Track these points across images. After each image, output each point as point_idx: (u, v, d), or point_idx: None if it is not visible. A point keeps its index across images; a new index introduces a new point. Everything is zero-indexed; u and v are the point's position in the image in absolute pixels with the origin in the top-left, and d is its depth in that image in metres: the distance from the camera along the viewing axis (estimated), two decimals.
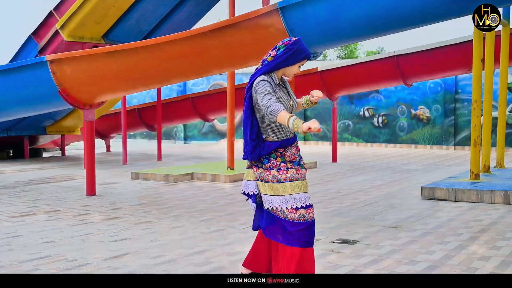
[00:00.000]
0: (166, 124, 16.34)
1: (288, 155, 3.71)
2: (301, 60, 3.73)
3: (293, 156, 3.72)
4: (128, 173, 10.65)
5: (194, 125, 21.62)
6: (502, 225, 5.89)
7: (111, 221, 6.29)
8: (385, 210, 6.82)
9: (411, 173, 10.74)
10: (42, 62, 7.79)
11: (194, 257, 4.70)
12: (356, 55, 33.18)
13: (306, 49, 3.74)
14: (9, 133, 13.69)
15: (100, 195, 8.13)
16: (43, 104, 8.45)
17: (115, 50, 7.60)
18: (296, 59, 3.71)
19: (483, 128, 8.95)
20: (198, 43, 7.04)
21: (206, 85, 21.10)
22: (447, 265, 4.41)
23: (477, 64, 7.96)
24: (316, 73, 12.77)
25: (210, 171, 9.89)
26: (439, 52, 11.56)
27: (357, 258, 4.62)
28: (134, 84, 7.90)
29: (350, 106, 18.51)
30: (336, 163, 12.71)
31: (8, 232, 5.73)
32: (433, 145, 17.18)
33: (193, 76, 8.41)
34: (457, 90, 16.96)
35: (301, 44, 3.73)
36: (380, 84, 13.26)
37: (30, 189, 8.88)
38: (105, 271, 4.33)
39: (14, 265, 4.51)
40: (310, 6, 6.33)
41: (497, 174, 8.92)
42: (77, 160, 13.78)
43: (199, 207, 7.16)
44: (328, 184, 9.24)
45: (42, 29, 12.36)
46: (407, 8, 6.04)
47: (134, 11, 11.18)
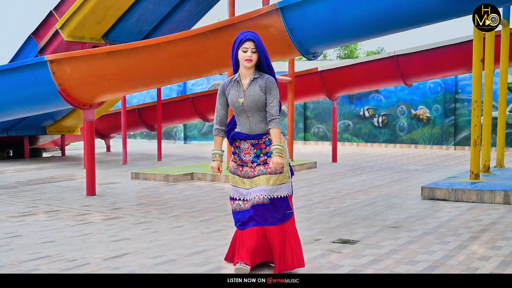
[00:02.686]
0: (166, 124, 16.34)
1: (242, 148, 4.10)
2: (239, 44, 3.98)
3: (246, 151, 4.07)
4: (128, 173, 10.65)
5: (194, 125, 21.63)
6: (502, 225, 5.89)
7: (111, 221, 6.29)
8: (385, 210, 6.82)
9: (411, 173, 10.74)
10: (42, 62, 7.79)
11: (194, 257, 4.70)
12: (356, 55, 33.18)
13: (240, 34, 4.02)
14: (9, 133, 13.69)
15: (100, 195, 8.13)
16: (43, 104, 8.45)
17: (115, 50, 7.60)
18: (235, 47, 4.00)
19: (483, 128, 8.95)
20: (198, 43, 7.04)
21: (206, 85, 21.11)
22: (447, 265, 4.41)
23: (477, 64, 7.96)
24: (316, 73, 12.77)
25: (210, 171, 9.88)
26: (439, 52, 11.56)
27: (357, 258, 4.62)
28: (134, 84, 7.90)
29: (350, 106, 18.51)
30: (336, 163, 12.71)
31: (8, 232, 5.73)
32: (433, 145, 17.18)
33: (193, 76, 8.40)
34: (457, 90, 16.96)
35: (239, 34, 4.03)
36: (380, 84, 13.26)
37: (30, 189, 8.88)
38: (105, 271, 4.32)
39: (14, 265, 4.51)
40: (310, 6, 6.33)
41: (497, 174, 8.92)
42: (77, 160, 13.78)
43: (199, 207, 7.16)
44: (328, 184, 9.24)
45: (42, 29, 12.36)
46: (407, 8, 6.04)
47: (134, 11, 11.17)
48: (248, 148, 4.06)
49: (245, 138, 4.06)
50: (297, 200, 7.54)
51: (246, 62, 3.97)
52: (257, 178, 4.03)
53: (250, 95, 3.98)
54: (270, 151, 4.03)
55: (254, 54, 3.97)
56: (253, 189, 4.03)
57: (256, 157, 4.05)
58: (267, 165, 4.02)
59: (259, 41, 4.00)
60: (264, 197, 3.96)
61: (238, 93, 4.03)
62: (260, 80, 4.02)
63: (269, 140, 4.04)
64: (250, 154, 4.05)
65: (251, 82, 4.03)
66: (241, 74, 4.06)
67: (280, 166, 3.92)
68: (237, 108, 4.07)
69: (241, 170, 4.09)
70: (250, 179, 4.07)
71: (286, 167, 4.07)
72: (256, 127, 4.05)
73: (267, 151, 4.04)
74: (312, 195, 8.02)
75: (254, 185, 4.04)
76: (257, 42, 3.98)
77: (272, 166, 3.91)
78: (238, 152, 4.11)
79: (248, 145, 4.06)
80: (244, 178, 4.09)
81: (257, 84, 4.02)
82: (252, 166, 4.05)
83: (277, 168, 3.94)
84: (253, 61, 3.98)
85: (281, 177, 4.02)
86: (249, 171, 4.07)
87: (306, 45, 6.59)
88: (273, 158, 3.93)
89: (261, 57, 4.00)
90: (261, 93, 3.99)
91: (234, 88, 4.04)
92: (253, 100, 3.98)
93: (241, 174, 4.09)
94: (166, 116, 15.11)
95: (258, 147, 4.05)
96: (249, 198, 4.04)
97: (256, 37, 4.00)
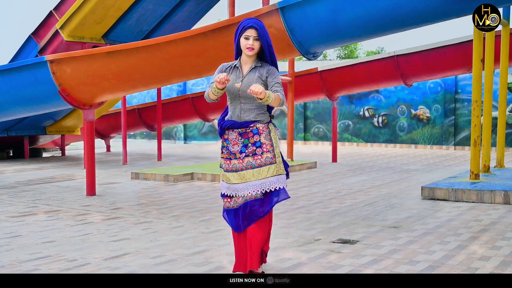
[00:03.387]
0: (166, 124, 16.34)
1: (230, 139, 3.97)
2: (241, 31, 3.90)
3: (234, 141, 3.95)
4: (128, 173, 10.65)
5: (194, 125, 21.63)
6: (502, 225, 5.89)
7: (111, 221, 6.29)
8: (385, 210, 6.82)
9: (411, 173, 10.74)
10: (42, 62, 7.79)
11: (194, 257, 4.70)
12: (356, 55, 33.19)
13: (243, 21, 3.93)
14: (9, 133, 13.68)
15: (100, 195, 8.14)
16: (43, 104, 8.45)
17: (115, 50, 7.60)
18: (237, 34, 3.92)
19: (483, 128, 8.95)
20: (198, 43, 7.04)
21: (206, 85, 21.11)
22: (447, 265, 4.41)
23: (477, 64, 7.96)
24: (316, 73, 12.77)
25: (210, 171, 9.89)
26: (439, 52, 11.56)
27: (357, 258, 4.62)
28: (134, 84, 7.90)
29: (350, 106, 18.51)
30: (336, 163, 12.71)
31: (8, 232, 5.73)
32: (433, 145, 17.18)
33: (193, 76, 8.40)
34: (457, 90, 16.97)
35: (242, 21, 3.94)
36: (380, 84, 13.26)
37: (30, 189, 8.88)
38: (105, 271, 4.33)
39: (14, 265, 4.51)
40: (310, 6, 6.33)
41: (497, 174, 8.92)
42: (77, 160, 13.78)
43: (199, 207, 7.16)
44: (328, 184, 9.24)
45: (42, 29, 12.36)
46: (407, 8, 6.04)
47: (134, 11, 11.18)
48: (235, 138, 3.93)
49: (231, 125, 3.93)
50: (297, 200, 7.54)
51: (247, 50, 3.87)
52: (246, 172, 3.91)
53: (247, 82, 3.89)
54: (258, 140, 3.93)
55: (256, 42, 3.86)
56: (244, 184, 3.91)
57: (244, 146, 3.92)
58: (256, 156, 3.90)
59: (262, 28, 3.88)
60: (257, 193, 3.89)
61: (236, 77, 3.93)
62: (262, 69, 3.93)
63: (257, 129, 3.91)
64: (238, 145, 3.92)
65: (251, 69, 3.94)
66: (242, 61, 3.97)
67: (257, 89, 3.62)
68: (232, 94, 3.94)
69: (228, 163, 3.96)
70: (238, 172, 3.93)
71: (279, 158, 3.96)
72: (245, 114, 3.93)
73: (255, 140, 3.91)
74: (312, 195, 8.02)
75: (243, 180, 3.92)
76: (260, 30, 3.86)
77: (251, 87, 3.66)
78: (227, 145, 3.97)
79: (235, 135, 3.93)
80: (233, 172, 3.94)
81: (257, 72, 3.93)
82: (240, 157, 3.92)
83: (254, 90, 3.63)
84: (255, 50, 3.88)
85: (273, 168, 3.91)
86: (237, 163, 3.93)
87: (306, 45, 6.60)
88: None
89: (264, 46, 3.89)
90: (259, 81, 3.89)
91: (233, 73, 3.95)
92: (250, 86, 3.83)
93: (229, 168, 3.95)
94: (166, 116, 15.11)
95: (246, 136, 3.92)
96: (241, 194, 3.94)
97: (259, 24, 3.88)
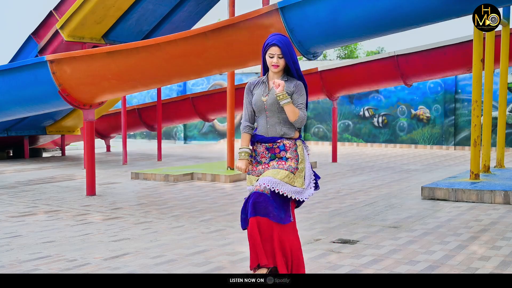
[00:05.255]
0: (166, 124, 16.34)
1: (258, 152, 4.08)
2: (265, 49, 3.98)
3: (262, 154, 4.06)
4: (128, 173, 10.65)
5: (194, 125, 21.63)
6: (502, 225, 5.89)
7: (111, 221, 6.29)
8: (385, 210, 6.82)
9: (411, 173, 10.74)
10: (42, 62, 7.79)
11: (194, 257, 4.70)
12: (356, 55, 33.17)
13: (269, 38, 3.99)
14: (9, 133, 13.68)
15: (100, 195, 8.14)
16: (43, 104, 8.45)
17: (115, 50, 7.60)
18: (263, 51, 4.00)
19: (483, 128, 8.95)
20: (198, 43, 7.04)
21: (206, 85, 21.11)
22: (447, 265, 4.41)
23: (477, 64, 7.96)
24: (316, 73, 12.77)
25: (210, 171, 9.89)
26: (439, 52, 11.56)
27: (357, 258, 4.62)
28: (134, 84, 7.90)
29: (350, 106, 18.51)
30: (336, 163, 12.71)
31: (8, 232, 5.73)
32: (433, 145, 17.18)
33: (193, 76, 8.40)
34: (457, 90, 16.96)
35: (268, 37, 4.00)
36: (380, 84, 13.26)
37: (30, 189, 8.88)
38: (105, 271, 4.33)
39: (14, 265, 4.51)
40: (310, 6, 6.33)
41: (497, 174, 8.92)
42: (77, 160, 13.78)
43: (199, 207, 7.16)
44: (328, 184, 9.24)
45: (42, 29, 12.36)
46: (407, 8, 6.04)
47: (134, 11, 11.17)
48: (263, 152, 4.05)
49: (260, 140, 4.04)
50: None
51: (273, 68, 3.97)
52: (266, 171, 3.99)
53: (273, 95, 3.97)
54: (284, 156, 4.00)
55: (280, 59, 3.94)
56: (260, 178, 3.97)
57: (271, 160, 4.04)
58: (281, 160, 3.98)
59: (286, 45, 3.94)
60: (265, 187, 3.89)
61: (262, 92, 4.03)
62: (289, 84, 4.00)
63: (283, 145, 3.99)
64: (266, 158, 4.04)
65: None
66: (269, 76, 4.07)
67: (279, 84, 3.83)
68: (258, 107, 4.04)
69: (255, 170, 4.06)
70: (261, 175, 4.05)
71: (300, 173, 4.00)
72: (272, 129, 4.01)
73: (281, 156, 4.00)
74: (312, 195, 8.01)
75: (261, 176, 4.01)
76: (283, 48, 3.93)
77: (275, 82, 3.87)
78: (255, 155, 4.08)
79: (263, 149, 4.04)
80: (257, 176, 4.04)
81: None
82: (265, 162, 4.04)
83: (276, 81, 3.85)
84: (280, 67, 3.97)
85: (292, 177, 3.95)
86: (261, 168, 4.04)
87: (306, 45, 6.60)
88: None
89: (289, 63, 3.96)
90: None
91: (260, 88, 4.06)
92: (275, 99, 3.94)
93: (256, 174, 4.05)
94: (166, 116, 15.10)
95: (273, 151, 4.01)
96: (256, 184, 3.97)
97: (283, 41, 3.94)
